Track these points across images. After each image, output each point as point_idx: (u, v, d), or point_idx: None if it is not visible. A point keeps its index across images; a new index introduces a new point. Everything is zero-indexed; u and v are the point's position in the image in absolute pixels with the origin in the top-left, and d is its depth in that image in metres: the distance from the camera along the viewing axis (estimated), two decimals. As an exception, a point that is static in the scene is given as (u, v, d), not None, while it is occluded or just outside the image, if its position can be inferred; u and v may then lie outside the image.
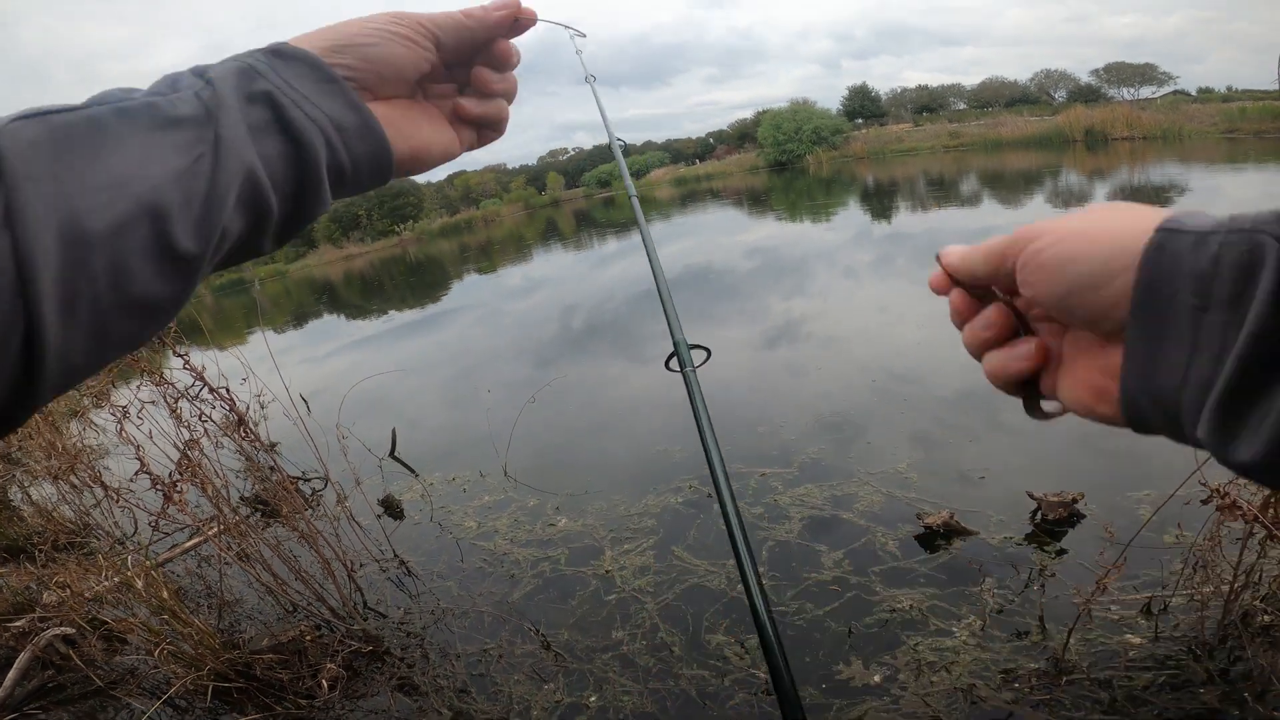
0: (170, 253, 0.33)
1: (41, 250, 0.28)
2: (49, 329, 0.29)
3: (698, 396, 0.91)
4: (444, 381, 5.79)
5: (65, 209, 0.30)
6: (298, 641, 2.22)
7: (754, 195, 19.69)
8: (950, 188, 13.87)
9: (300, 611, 2.48)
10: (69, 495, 3.65)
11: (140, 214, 0.32)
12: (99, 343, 0.32)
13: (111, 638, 2.44)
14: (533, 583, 2.50)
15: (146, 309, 0.33)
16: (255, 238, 0.39)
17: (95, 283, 0.31)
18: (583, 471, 3.30)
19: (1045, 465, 2.60)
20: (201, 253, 0.35)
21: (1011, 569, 2.08)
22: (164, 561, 2.88)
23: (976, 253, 0.41)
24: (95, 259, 0.30)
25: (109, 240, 0.31)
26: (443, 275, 16.04)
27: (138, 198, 0.32)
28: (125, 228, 0.31)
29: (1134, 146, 18.06)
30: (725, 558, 2.39)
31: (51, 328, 0.29)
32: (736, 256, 8.63)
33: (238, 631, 2.48)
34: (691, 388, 0.92)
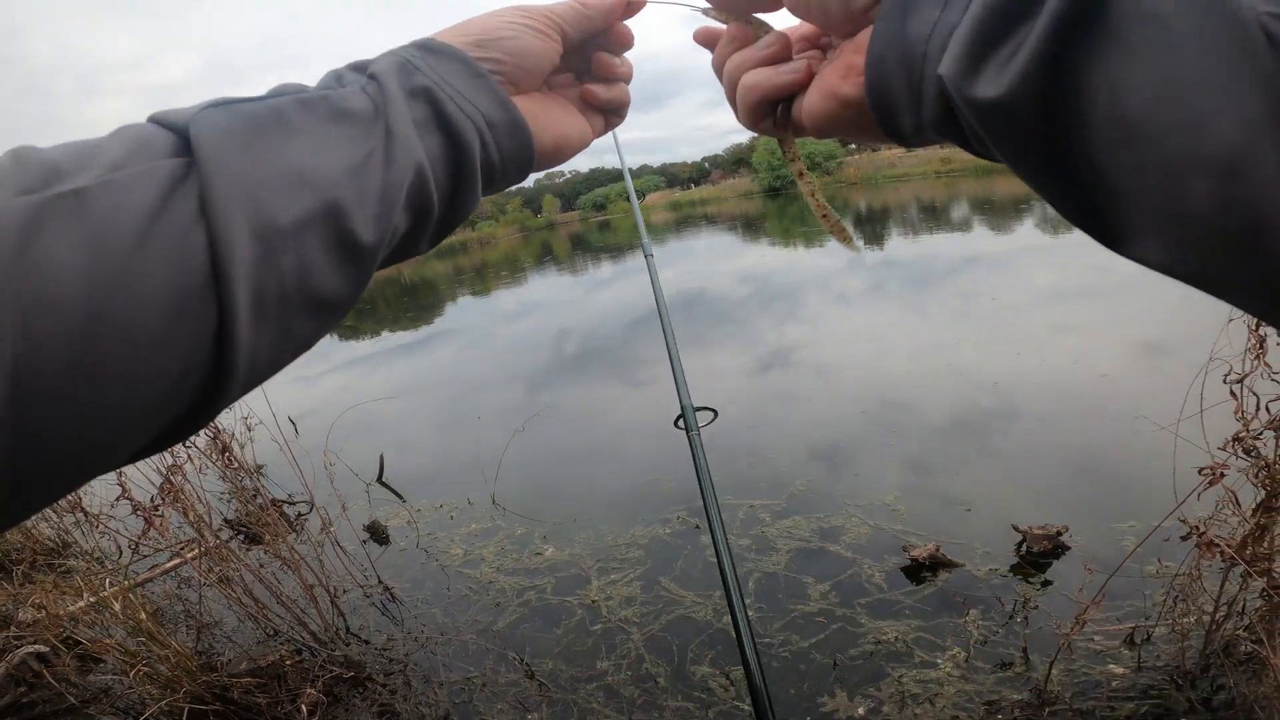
0: (351, 250, 0.33)
1: (237, 245, 0.28)
2: (241, 326, 0.29)
3: (702, 461, 0.92)
4: (435, 406, 5.78)
5: (255, 202, 0.29)
6: (277, 666, 2.19)
7: (748, 221, 19.86)
8: (941, 214, 14.02)
9: (281, 636, 2.46)
10: (48, 513, 3.61)
11: (323, 210, 0.32)
12: (283, 342, 0.32)
13: (86, 657, 2.41)
14: (518, 611, 2.48)
15: (326, 307, 0.33)
16: (415, 239, 0.39)
17: (284, 279, 0.30)
18: (571, 501, 3.29)
19: (1031, 497, 2.61)
20: (378, 250, 0.35)
21: (996, 601, 2.08)
22: (142, 582, 2.85)
23: None
24: (284, 255, 0.30)
25: (296, 236, 0.31)
26: (436, 297, 16.07)
27: (319, 193, 0.32)
28: (310, 223, 0.31)
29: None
30: (712, 589, 2.39)
31: (244, 326, 0.29)
32: (730, 283, 8.68)
33: (216, 654, 2.45)
34: (696, 451, 0.94)
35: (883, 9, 0.32)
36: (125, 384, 0.26)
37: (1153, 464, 2.50)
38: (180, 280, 0.27)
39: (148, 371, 0.26)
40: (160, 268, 0.26)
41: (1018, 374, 3.84)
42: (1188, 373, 1.61)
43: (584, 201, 49.04)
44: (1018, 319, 5.04)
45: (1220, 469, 1.41)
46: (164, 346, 0.26)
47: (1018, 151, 0.27)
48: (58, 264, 0.24)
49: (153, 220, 0.26)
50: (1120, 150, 0.23)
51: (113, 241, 0.25)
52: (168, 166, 0.28)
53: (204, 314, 0.27)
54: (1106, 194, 0.25)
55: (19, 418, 0.23)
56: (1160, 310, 4.59)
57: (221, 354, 0.29)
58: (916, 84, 0.31)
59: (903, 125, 0.33)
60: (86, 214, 0.25)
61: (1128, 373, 3.58)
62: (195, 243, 0.27)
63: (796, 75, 0.40)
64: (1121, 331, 4.27)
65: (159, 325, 0.26)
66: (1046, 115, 0.25)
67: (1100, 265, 6.53)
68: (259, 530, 2.55)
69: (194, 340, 0.27)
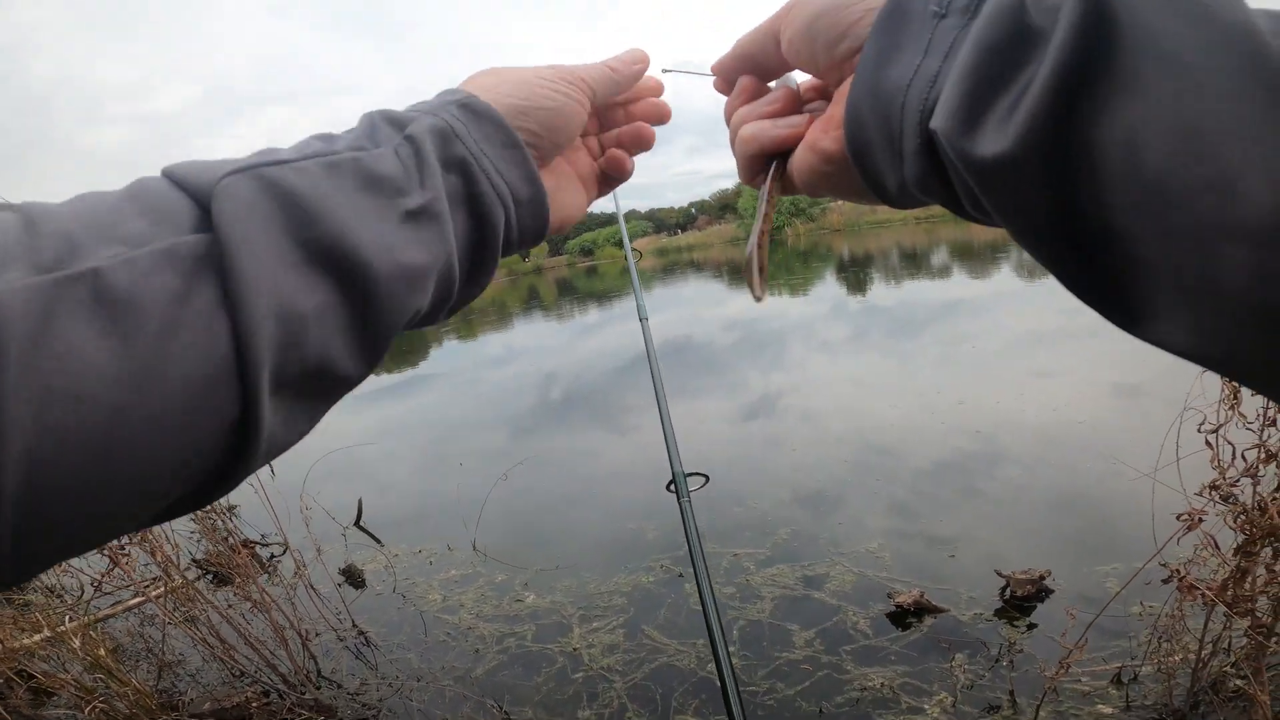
0: (370, 333, 0.31)
1: (261, 332, 0.26)
2: (264, 411, 0.27)
3: (693, 527, 0.92)
4: (416, 449, 5.71)
5: (279, 287, 0.27)
6: (243, 708, 2.11)
7: (734, 268, 20.10)
8: (922, 260, 14.28)
9: (248, 677, 2.37)
10: None
11: (347, 293, 0.30)
12: (299, 421, 0.31)
13: (40, 691, 2.31)
14: (497, 658, 2.42)
15: (342, 385, 0.32)
16: (434, 313, 0.38)
17: (306, 363, 0.29)
18: (553, 548, 3.23)
19: (1014, 542, 2.60)
20: (397, 332, 0.33)
21: (982, 645, 2.05)
22: (103, 618, 2.75)
23: (752, 33, 0.40)
24: (307, 341, 0.29)
25: (319, 320, 0.29)
26: (421, 340, 16.02)
27: (345, 275, 0.30)
28: (333, 307, 0.29)
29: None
30: (696, 637, 2.34)
31: (265, 410, 0.27)
32: (716, 329, 8.74)
33: (178, 693, 2.36)
34: (687, 517, 0.94)
35: (865, 52, 0.29)
36: (142, 471, 0.25)
37: (1133, 507, 2.51)
38: (204, 370, 0.25)
39: (167, 459, 0.25)
40: (184, 357, 0.25)
41: (999, 420, 3.87)
42: (1163, 414, 1.63)
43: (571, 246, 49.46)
44: (997, 365, 5.10)
45: (1198, 514, 1.42)
46: (185, 434, 0.25)
47: (1022, 215, 0.24)
48: (78, 353, 0.23)
49: (176, 307, 0.25)
50: (1141, 213, 0.20)
51: (134, 330, 0.24)
52: (189, 245, 0.26)
53: (227, 401, 0.26)
54: (1124, 265, 0.22)
55: (28, 506, 0.22)
56: (1132, 352, 4.67)
57: (242, 438, 0.27)
58: (896, 138, 0.28)
59: (885, 182, 0.30)
60: (105, 298, 0.24)
61: (1105, 417, 3.62)
62: (219, 329, 0.26)
63: (794, 130, 0.37)
64: (1097, 374, 4.33)
65: (181, 415, 0.25)
66: (1056, 174, 0.22)
67: (1073, 309, 6.66)
68: (228, 571, 2.48)
69: (216, 426, 0.26)
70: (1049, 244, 0.24)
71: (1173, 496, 1.64)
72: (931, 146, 0.27)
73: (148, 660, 2.56)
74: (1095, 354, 4.87)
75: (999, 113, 0.23)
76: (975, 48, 0.24)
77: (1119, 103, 0.20)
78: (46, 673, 2.14)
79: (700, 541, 0.91)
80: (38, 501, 0.22)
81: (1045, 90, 0.21)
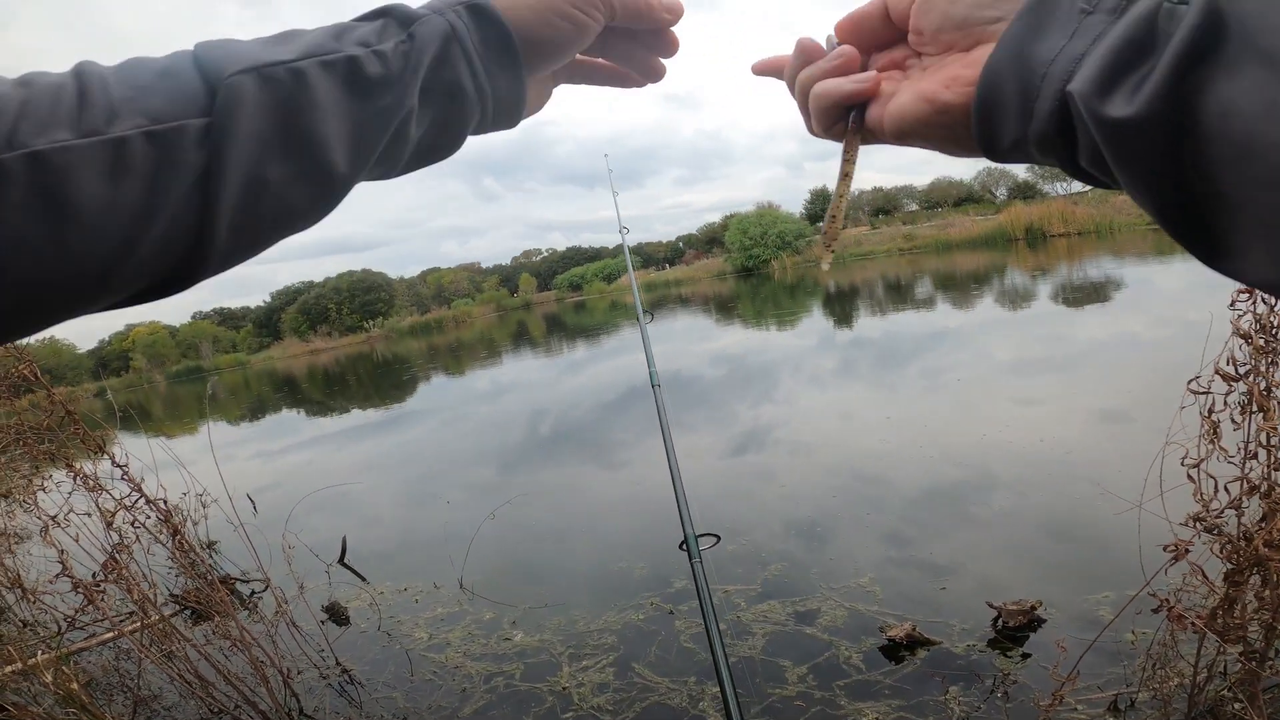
0: (327, 191, 0.40)
1: (226, 198, 0.35)
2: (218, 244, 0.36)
3: (703, 586, 0.95)
4: (403, 485, 5.65)
5: (254, 165, 0.36)
6: (221, 751, 2.05)
7: (721, 302, 20.24)
8: (906, 291, 14.44)
9: (226, 715, 2.30)
10: None
11: (316, 169, 0.38)
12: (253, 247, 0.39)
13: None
14: (485, 698, 2.36)
15: (296, 226, 0.41)
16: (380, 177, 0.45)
17: (262, 218, 0.38)
18: (542, 586, 3.18)
19: (1004, 572, 2.59)
20: (345, 194, 0.41)
21: (975, 676, 2.03)
22: (76, 651, 2.67)
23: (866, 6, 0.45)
24: (265, 202, 0.37)
25: (280, 188, 0.37)
26: (409, 375, 15.96)
27: (316, 156, 0.38)
28: (299, 179, 0.38)
29: (1071, 243, 19.22)
30: (687, 675, 2.30)
31: (221, 244, 0.36)
32: (704, 364, 8.76)
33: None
34: (699, 578, 0.97)
35: (1011, 29, 0.35)
36: (109, 276, 0.34)
37: (1123, 535, 2.51)
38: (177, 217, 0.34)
39: (135, 268, 0.35)
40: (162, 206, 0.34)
41: (986, 450, 3.89)
42: (1148, 442, 1.64)
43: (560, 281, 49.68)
44: (983, 395, 5.14)
45: (1184, 545, 1.42)
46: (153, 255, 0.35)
47: (1139, 166, 0.30)
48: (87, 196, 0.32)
49: (167, 172, 0.34)
50: (1232, 165, 0.26)
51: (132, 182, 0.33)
52: (194, 129, 0.34)
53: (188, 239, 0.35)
54: (1216, 208, 0.28)
55: None
56: (1114, 379, 4.73)
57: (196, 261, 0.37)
58: (1031, 99, 0.34)
59: (1002, 135, 0.36)
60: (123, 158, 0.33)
61: (1091, 444, 3.64)
62: (196, 192, 0.34)
63: (867, 84, 0.43)
64: (1081, 402, 4.37)
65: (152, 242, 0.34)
66: (1170, 133, 0.28)
67: (1055, 336, 6.75)
68: (207, 607, 2.43)
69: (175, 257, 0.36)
70: (1156, 192, 0.30)
71: (1160, 525, 1.65)
72: (1063, 110, 0.33)
73: (122, 695, 2.49)
74: (1078, 382, 4.92)
75: (1129, 86, 0.29)
76: (1118, 39, 0.30)
77: (1221, 82, 0.26)
78: (18, 704, 2.07)
79: (710, 597, 0.92)
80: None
81: (1168, 70, 0.28)
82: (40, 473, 2.77)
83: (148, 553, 2.41)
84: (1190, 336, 5.74)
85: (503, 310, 41.48)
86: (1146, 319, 6.85)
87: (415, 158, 0.45)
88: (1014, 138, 0.36)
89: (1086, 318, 7.80)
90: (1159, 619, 1.63)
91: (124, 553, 2.20)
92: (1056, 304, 9.34)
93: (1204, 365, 1.45)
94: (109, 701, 2.37)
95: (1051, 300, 9.72)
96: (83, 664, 2.67)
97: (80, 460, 2.44)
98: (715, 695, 2.16)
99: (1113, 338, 6.32)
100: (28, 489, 2.54)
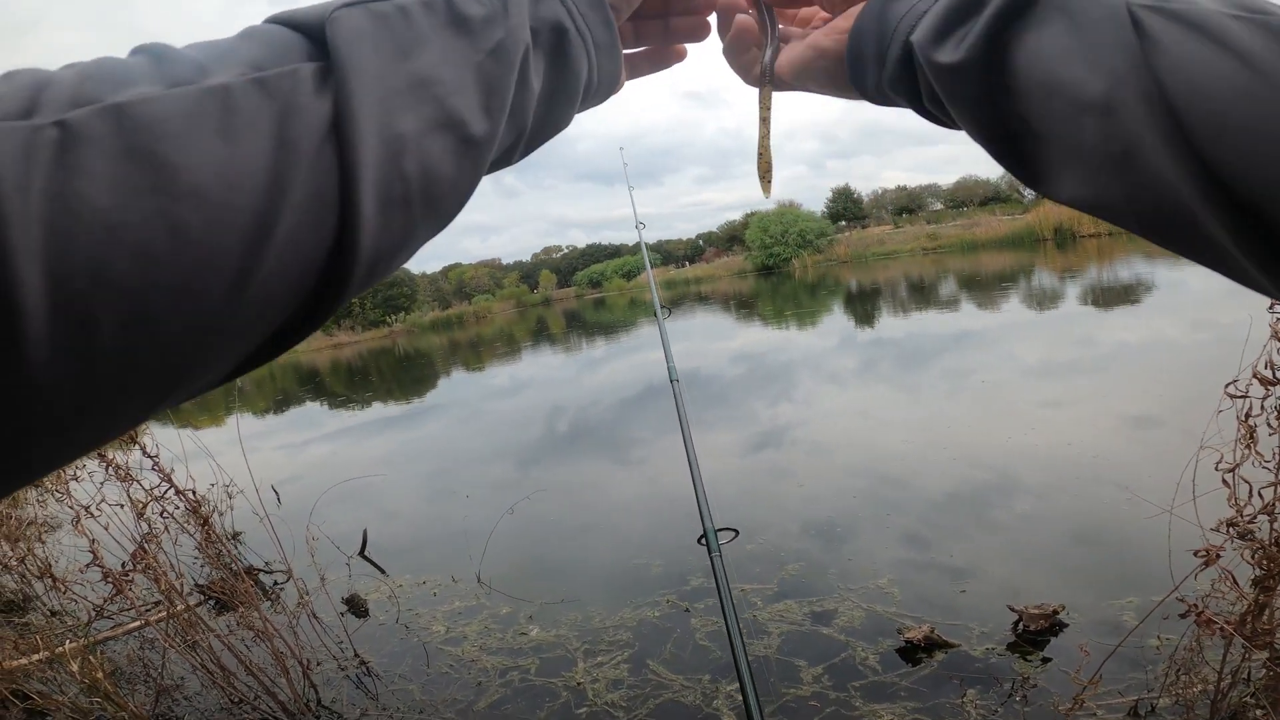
0: (469, 155, 0.34)
1: (367, 150, 0.29)
2: (366, 225, 0.29)
3: (723, 580, 0.95)
4: (423, 479, 5.70)
5: (386, 111, 0.30)
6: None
7: (741, 300, 20.17)
8: (929, 291, 14.28)
9: (246, 704, 2.34)
10: (13, 565, 3.47)
11: (444, 118, 0.33)
12: (405, 242, 0.33)
13: (35, 713, 2.28)
14: (500, 691, 2.38)
15: (443, 208, 0.34)
16: (509, 153, 0.41)
17: (409, 184, 0.31)
18: (558, 581, 3.20)
19: (1026, 576, 2.56)
20: (488, 155, 0.36)
21: (994, 680, 2.01)
22: (102, 640, 2.73)
23: None
24: (408, 162, 0.31)
25: (419, 142, 0.31)
26: (430, 370, 16.09)
27: (440, 100, 0.33)
28: (432, 131, 0.32)
29: (1101, 243, 18.81)
30: (701, 673, 2.30)
31: (369, 225, 0.29)
32: (723, 362, 8.73)
33: (175, 717, 2.33)
34: (718, 571, 0.97)
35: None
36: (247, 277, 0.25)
37: (1147, 540, 2.47)
38: (313, 182, 0.27)
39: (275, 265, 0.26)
40: (295, 168, 0.27)
41: (1010, 452, 3.84)
42: (1175, 448, 1.61)
43: (580, 278, 49.74)
44: (1008, 397, 5.07)
45: (1216, 550, 1.39)
46: (291, 243, 0.27)
47: (963, 103, 0.36)
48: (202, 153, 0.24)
49: (293, 123, 0.27)
50: (1040, 102, 0.31)
51: (252, 138, 0.26)
52: (309, 70, 0.29)
53: (330, 214, 0.28)
54: (1030, 138, 0.33)
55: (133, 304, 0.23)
56: (1142, 383, 4.64)
57: (342, 253, 0.29)
58: (885, 48, 0.41)
59: (867, 77, 0.44)
60: (233, 109, 0.26)
61: (1116, 449, 3.58)
62: (329, 148, 0.28)
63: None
64: (1108, 406, 4.29)
65: (290, 220, 0.26)
66: (988, 76, 0.34)
67: (1084, 339, 6.64)
68: (231, 598, 2.47)
69: (318, 238, 0.28)
70: (982, 126, 0.36)
71: (1185, 531, 1.62)
72: (908, 57, 0.39)
73: (145, 684, 2.54)
74: (1105, 386, 4.84)
75: (957, 37, 0.35)
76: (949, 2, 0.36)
77: (1031, 33, 0.32)
78: (42, 693, 2.12)
79: (730, 592, 0.92)
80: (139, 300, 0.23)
81: (986, 24, 0.33)
82: (73, 462, 2.81)
83: (175, 543, 2.46)
84: (1223, 340, 5.64)
85: (522, 306, 41.68)
86: (1178, 322, 6.72)
87: (538, 124, 0.41)
88: (874, 80, 0.43)
89: (1116, 320, 7.66)
90: (1181, 625, 1.61)
91: (153, 542, 2.24)
92: (1085, 305, 9.19)
93: (1242, 369, 1.42)
94: (132, 691, 2.42)
95: (1080, 302, 9.56)
96: (107, 653, 2.73)
97: (112, 450, 2.50)
98: (729, 694, 2.16)
99: (1143, 341, 6.20)
100: (60, 478, 2.60)
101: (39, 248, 0.20)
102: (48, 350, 0.21)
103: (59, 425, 0.23)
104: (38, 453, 0.23)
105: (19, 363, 0.20)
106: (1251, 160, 0.25)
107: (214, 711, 2.35)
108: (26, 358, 0.21)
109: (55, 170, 0.21)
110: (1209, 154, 0.26)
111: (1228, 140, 0.25)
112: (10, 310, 0.20)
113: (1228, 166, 0.25)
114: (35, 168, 0.21)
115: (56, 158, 0.22)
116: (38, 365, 0.21)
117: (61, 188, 0.21)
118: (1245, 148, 0.25)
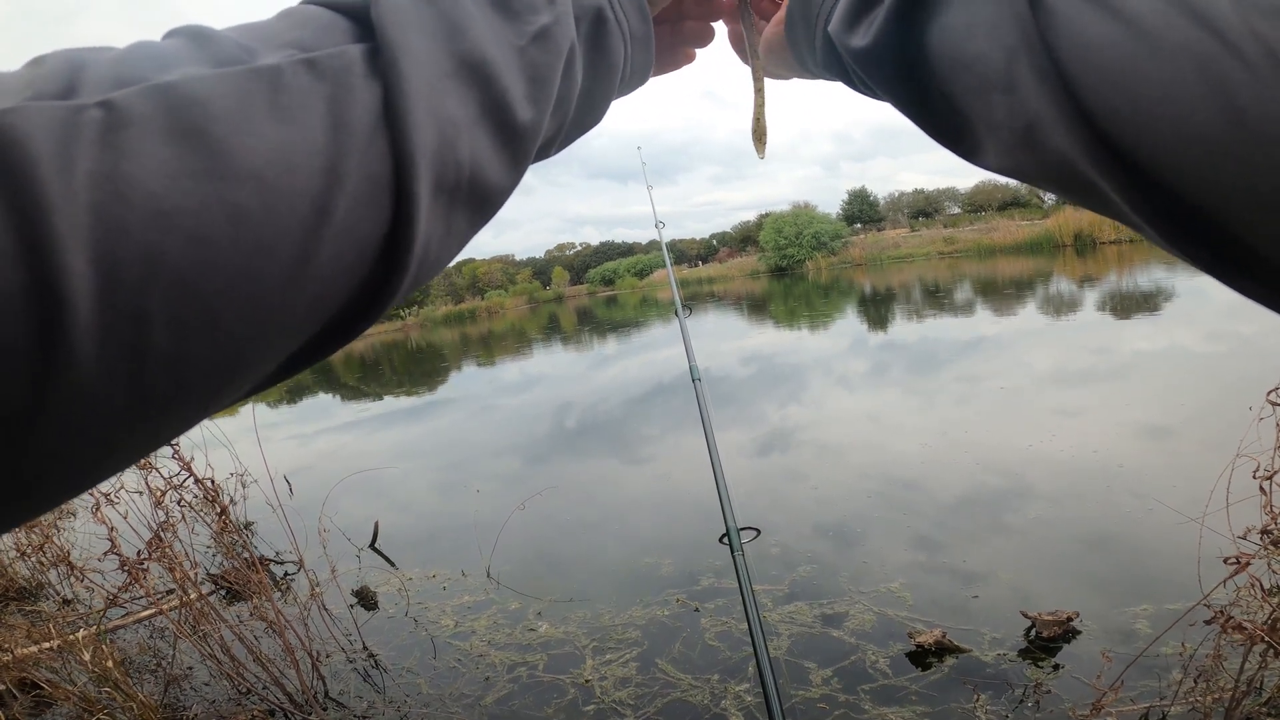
0: (513, 145, 0.33)
1: (422, 134, 0.27)
2: (420, 216, 0.27)
3: (744, 578, 0.96)
4: (433, 473, 5.72)
5: (438, 94, 0.28)
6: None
7: (754, 301, 20.11)
8: (945, 296, 14.17)
9: (254, 695, 2.35)
10: (28, 552, 3.51)
11: (493, 103, 0.31)
12: (447, 236, 0.31)
13: (42, 701, 2.30)
14: (508, 687, 2.38)
15: (489, 200, 0.33)
16: (546, 147, 0.39)
17: (460, 170, 0.30)
18: (568, 578, 3.20)
19: (1039, 582, 2.53)
20: (533, 148, 0.34)
21: (1006, 686, 1.99)
22: (114, 628, 2.75)
23: None
24: (461, 148, 0.29)
25: (469, 128, 0.30)
26: (442, 364, 16.15)
27: (489, 84, 0.31)
28: (482, 116, 0.31)
29: (1121, 250, 18.59)
30: (710, 672, 2.29)
31: (422, 216, 0.28)
32: (735, 362, 8.71)
33: (183, 707, 2.34)
34: (740, 571, 0.98)
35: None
36: (305, 265, 0.24)
37: (1163, 548, 2.45)
38: (368, 166, 0.26)
39: (331, 252, 0.25)
40: (350, 151, 0.25)
41: (1024, 458, 3.80)
42: (1194, 456, 1.59)
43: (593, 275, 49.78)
44: (1023, 403, 5.02)
45: (1246, 558, 1.38)
46: (347, 229, 0.25)
47: (884, 84, 0.37)
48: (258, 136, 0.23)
49: (347, 105, 0.26)
50: (955, 77, 0.32)
51: (306, 120, 0.24)
52: (357, 51, 0.27)
53: (384, 201, 0.26)
54: (954, 113, 0.33)
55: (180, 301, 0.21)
56: (1161, 392, 4.58)
57: (396, 243, 0.27)
58: (812, 35, 0.44)
59: (806, 61, 0.47)
60: (285, 89, 0.24)
61: (1132, 457, 3.54)
62: (381, 131, 0.26)
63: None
64: (1124, 415, 4.24)
65: (345, 205, 0.25)
66: (897, 56, 0.35)
67: (1102, 347, 6.57)
68: (243, 588, 2.48)
69: (373, 227, 0.26)
70: (907, 103, 0.37)
71: (1208, 538, 1.59)
72: (829, 44, 0.41)
73: (155, 674, 2.56)
74: (1121, 394, 4.78)
75: (865, 23, 0.37)
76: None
77: (932, 16, 0.32)
78: (51, 682, 2.14)
79: (752, 592, 0.92)
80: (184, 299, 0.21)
81: (888, 10, 0.34)
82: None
83: (191, 532, 2.48)
84: (1245, 351, 5.56)
85: (535, 302, 41.78)
86: (1198, 332, 6.63)
87: (577, 116, 0.40)
88: (810, 63, 0.46)
89: (1135, 328, 7.58)
90: (1198, 634, 1.59)
91: (169, 531, 2.25)
92: (1104, 313, 9.08)
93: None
94: (141, 681, 2.44)
95: (1099, 309, 9.45)
96: (117, 642, 2.75)
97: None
98: (737, 694, 2.15)
99: (1162, 350, 6.13)
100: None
101: (86, 235, 0.19)
102: (96, 348, 0.19)
103: (108, 431, 0.21)
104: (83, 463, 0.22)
105: (66, 363, 0.19)
106: (1142, 130, 0.24)
107: (222, 702, 2.37)
108: (74, 357, 0.19)
109: (102, 152, 0.20)
110: (1101, 126, 0.25)
111: (1118, 111, 0.24)
112: (56, 305, 0.18)
113: (1118, 138, 0.25)
114: (80, 149, 0.19)
115: (102, 138, 0.20)
116: (86, 365, 0.19)
117: (110, 171, 0.20)
118: (1135, 118, 0.24)
